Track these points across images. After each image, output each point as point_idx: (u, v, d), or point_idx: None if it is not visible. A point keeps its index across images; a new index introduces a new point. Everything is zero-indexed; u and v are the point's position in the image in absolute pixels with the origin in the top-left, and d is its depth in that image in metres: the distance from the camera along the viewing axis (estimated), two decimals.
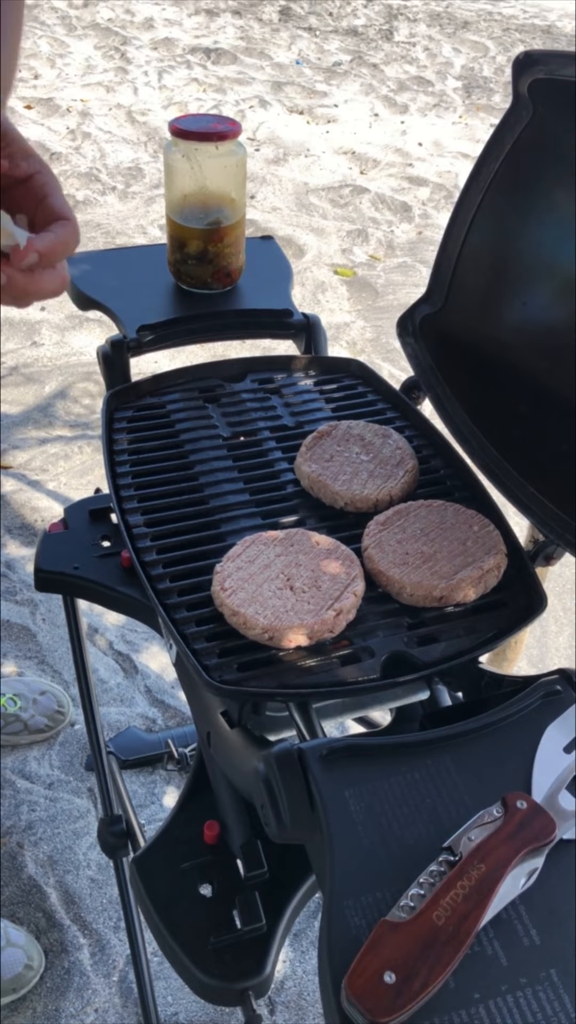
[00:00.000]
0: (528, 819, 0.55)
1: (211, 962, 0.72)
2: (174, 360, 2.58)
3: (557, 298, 0.85)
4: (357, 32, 6.02)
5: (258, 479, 0.90)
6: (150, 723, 1.70)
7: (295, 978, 1.36)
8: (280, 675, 0.70)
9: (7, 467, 2.28)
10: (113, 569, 0.92)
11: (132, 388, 0.99)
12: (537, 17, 6.71)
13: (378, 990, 0.48)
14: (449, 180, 3.99)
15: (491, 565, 0.77)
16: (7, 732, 1.62)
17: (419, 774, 0.60)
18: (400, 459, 0.89)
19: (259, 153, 4.10)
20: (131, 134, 4.18)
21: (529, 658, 1.90)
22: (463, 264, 0.90)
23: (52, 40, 5.24)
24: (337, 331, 2.92)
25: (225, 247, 1.09)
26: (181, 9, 6.08)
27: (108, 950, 1.37)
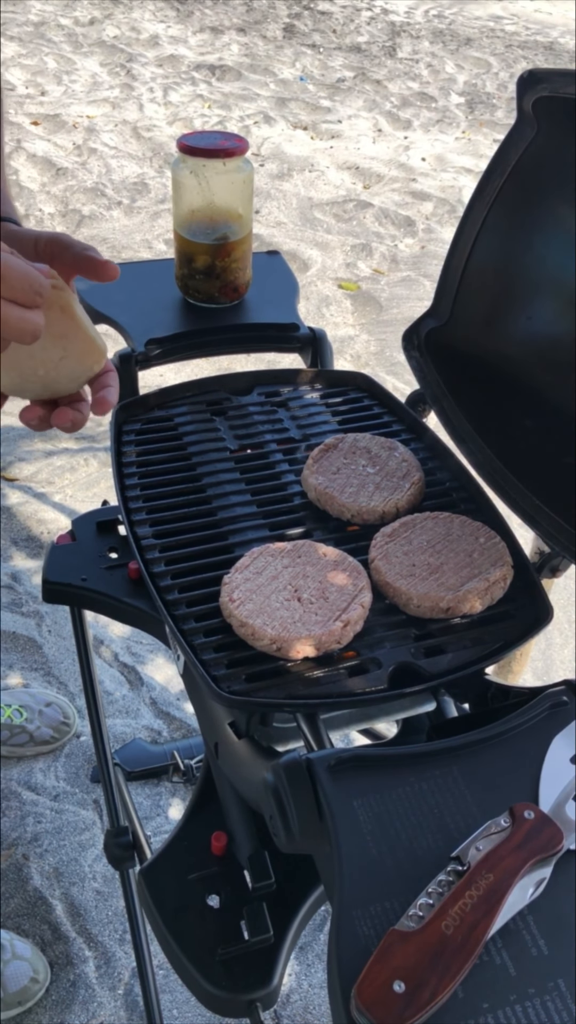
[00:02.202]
0: (536, 829, 0.55)
1: (219, 973, 0.72)
2: (179, 374, 2.59)
3: (562, 312, 0.86)
4: (360, 49, 6.07)
5: (265, 491, 0.91)
6: (155, 735, 1.70)
7: (301, 991, 1.35)
8: (288, 686, 0.70)
9: (13, 479, 2.29)
10: (120, 580, 0.93)
11: (140, 401, 1.00)
12: (539, 34, 6.76)
13: (387, 999, 0.48)
14: (452, 195, 4.01)
15: (497, 577, 0.77)
16: (13, 743, 1.62)
17: (427, 784, 0.60)
18: (406, 471, 0.90)
19: (264, 168, 4.13)
20: (136, 150, 4.22)
21: (534, 670, 1.90)
22: (468, 278, 0.91)
23: (59, 57, 5.29)
24: (341, 345, 2.93)
25: (232, 262, 1.10)
26: (186, 27, 6.14)
27: (114, 963, 1.37)
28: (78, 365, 0.65)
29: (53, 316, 0.61)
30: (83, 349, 0.64)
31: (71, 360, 0.64)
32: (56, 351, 0.63)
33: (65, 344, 0.63)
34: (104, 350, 0.66)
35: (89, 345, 0.64)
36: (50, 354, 0.63)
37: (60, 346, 0.63)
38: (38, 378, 0.64)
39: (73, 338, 0.63)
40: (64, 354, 0.64)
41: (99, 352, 0.66)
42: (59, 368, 0.64)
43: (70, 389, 0.67)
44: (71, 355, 0.64)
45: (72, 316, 0.62)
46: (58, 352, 0.63)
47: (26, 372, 0.63)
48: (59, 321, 0.62)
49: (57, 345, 0.63)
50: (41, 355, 0.63)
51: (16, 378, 0.64)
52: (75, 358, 0.64)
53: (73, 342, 0.63)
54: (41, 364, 0.63)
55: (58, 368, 0.64)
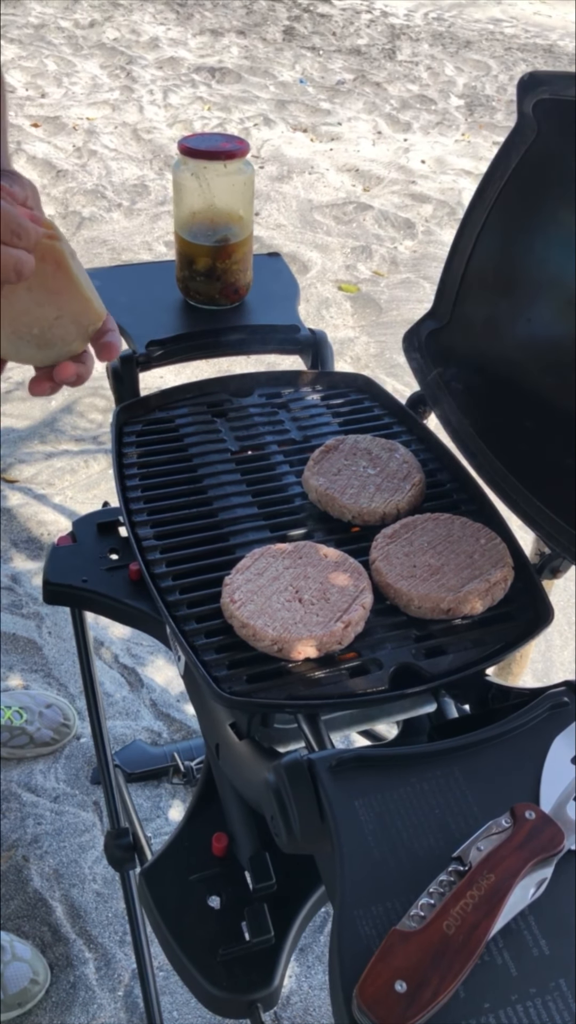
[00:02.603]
0: (537, 829, 0.56)
1: (220, 974, 0.72)
2: (179, 375, 2.60)
3: (562, 314, 0.86)
4: (360, 51, 6.08)
5: (266, 492, 0.91)
6: (155, 736, 1.70)
7: (301, 993, 1.35)
8: (289, 687, 0.70)
9: (14, 481, 2.29)
10: (121, 581, 0.93)
11: (141, 403, 1.00)
12: (539, 36, 6.78)
13: (389, 999, 0.48)
14: (452, 197, 4.01)
15: (498, 578, 0.77)
16: (13, 745, 1.62)
17: (428, 785, 0.60)
18: (407, 473, 0.90)
19: (263, 171, 4.14)
20: (136, 152, 4.22)
21: (534, 672, 1.90)
22: (468, 280, 0.92)
23: (59, 60, 5.30)
24: (341, 347, 2.94)
25: (233, 264, 1.10)
26: (186, 29, 6.15)
27: (114, 964, 1.37)
28: (74, 325, 0.62)
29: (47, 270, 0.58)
30: (79, 308, 0.61)
31: (66, 320, 0.61)
32: (51, 309, 0.60)
33: (60, 302, 0.60)
34: (102, 311, 0.63)
35: (85, 304, 0.61)
36: (45, 312, 0.60)
37: (55, 304, 0.60)
38: (33, 337, 0.61)
39: (68, 296, 0.60)
40: (59, 313, 0.61)
41: (95, 312, 0.62)
42: (54, 328, 0.61)
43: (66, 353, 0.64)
44: (66, 314, 0.61)
45: (67, 271, 0.59)
46: (52, 310, 0.60)
47: (21, 330, 0.61)
48: (53, 276, 0.59)
49: (51, 302, 0.60)
50: (36, 312, 0.60)
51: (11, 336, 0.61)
52: (70, 317, 0.61)
53: (68, 300, 0.61)
54: (36, 322, 0.61)
55: (53, 328, 0.61)
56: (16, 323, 0.61)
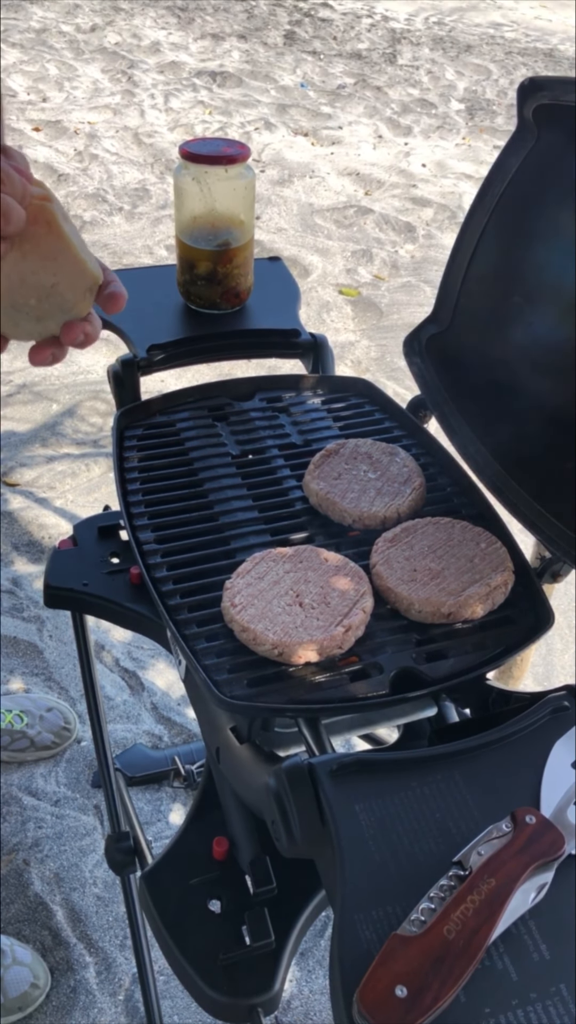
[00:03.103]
0: (537, 834, 0.55)
1: (220, 978, 0.72)
2: (180, 379, 2.60)
3: (562, 318, 0.87)
4: (361, 56, 6.09)
5: (267, 496, 0.91)
6: (156, 740, 1.70)
7: (302, 997, 1.35)
8: (290, 691, 0.70)
9: (15, 484, 2.29)
10: (122, 585, 0.93)
11: (142, 407, 1.00)
12: (539, 41, 6.79)
13: (389, 1004, 0.48)
14: (452, 201, 4.02)
15: (498, 582, 0.77)
16: (13, 749, 1.62)
17: (429, 789, 0.60)
18: (407, 477, 0.90)
19: (264, 175, 4.14)
20: (138, 156, 4.23)
21: (535, 676, 1.90)
22: (469, 284, 0.92)
23: (60, 64, 5.31)
24: (342, 350, 2.94)
25: (234, 268, 1.10)
26: (187, 33, 6.16)
27: (114, 968, 1.37)
28: (71, 291, 0.60)
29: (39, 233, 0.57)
30: (74, 271, 0.59)
31: (63, 286, 0.59)
32: (46, 276, 0.58)
33: (55, 268, 0.58)
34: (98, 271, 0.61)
35: (80, 266, 0.59)
36: (40, 279, 0.58)
37: (50, 270, 0.58)
38: (31, 309, 0.60)
39: (63, 259, 0.58)
40: (55, 279, 0.59)
41: (91, 274, 0.60)
42: (52, 296, 0.59)
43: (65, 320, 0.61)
44: (62, 279, 0.59)
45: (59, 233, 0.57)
46: (48, 277, 0.58)
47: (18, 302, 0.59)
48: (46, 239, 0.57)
49: (46, 268, 0.58)
50: (32, 280, 0.58)
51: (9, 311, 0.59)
52: (67, 282, 0.59)
53: (63, 264, 0.59)
54: (32, 292, 0.59)
55: (51, 296, 0.59)
56: (12, 295, 0.59)
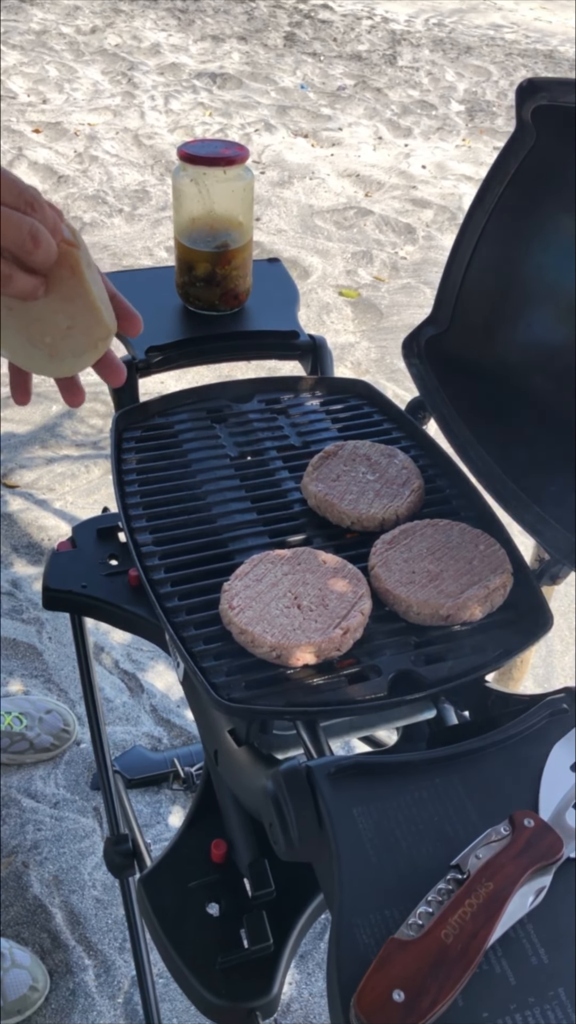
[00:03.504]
0: (536, 837, 0.55)
1: (218, 982, 0.72)
2: (180, 381, 2.60)
3: (561, 320, 0.86)
4: (361, 57, 6.10)
5: (265, 498, 0.91)
6: (156, 742, 1.70)
7: (301, 1000, 1.35)
8: (288, 693, 0.70)
9: (14, 486, 2.29)
10: (121, 587, 0.93)
11: (141, 408, 1.00)
12: (539, 42, 6.79)
13: (387, 1008, 0.48)
14: (452, 202, 4.02)
15: (497, 584, 0.77)
16: (13, 751, 1.62)
17: (427, 792, 0.60)
18: (406, 479, 0.90)
19: (264, 176, 4.14)
20: (138, 157, 4.23)
21: (535, 677, 1.90)
22: (468, 286, 0.92)
23: (60, 65, 5.31)
24: (342, 352, 2.94)
25: (233, 270, 1.10)
26: (187, 35, 6.16)
27: (113, 971, 1.37)
28: (84, 337, 0.61)
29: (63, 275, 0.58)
30: (90, 319, 0.61)
31: (77, 331, 0.61)
32: (63, 317, 0.60)
33: (72, 311, 0.60)
34: (113, 327, 0.63)
35: (96, 316, 0.61)
36: (58, 320, 0.60)
37: (67, 312, 0.60)
38: (44, 345, 0.61)
39: (81, 305, 0.60)
40: (71, 323, 0.60)
41: (106, 327, 0.62)
42: (66, 339, 0.61)
43: (74, 368, 0.63)
44: (78, 324, 0.61)
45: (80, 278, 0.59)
46: (65, 319, 0.60)
47: (34, 337, 0.61)
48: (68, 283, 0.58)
49: (64, 310, 0.60)
50: (50, 319, 0.60)
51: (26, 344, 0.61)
52: (82, 328, 0.61)
53: (80, 310, 0.60)
54: (49, 330, 0.60)
55: (65, 338, 0.61)
56: (31, 329, 0.60)
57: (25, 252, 0.56)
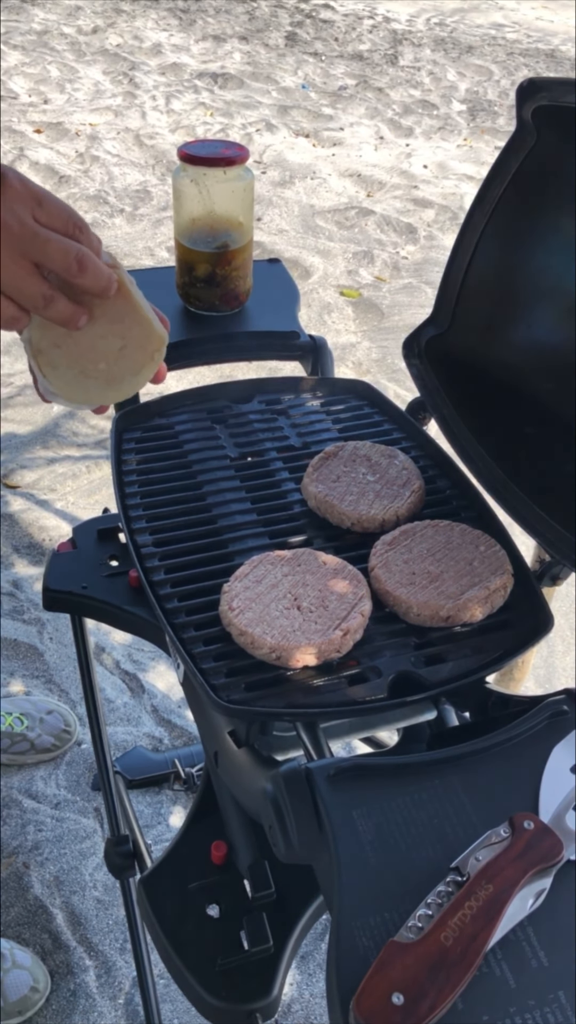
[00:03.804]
0: (535, 839, 0.55)
1: (218, 983, 0.72)
2: (181, 381, 2.60)
3: (562, 320, 0.86)
4: (362, 57, 6.09)
5: (265, 499, 0.91)
6: (157, 743, 1.70)
7: (302, 1001, 1.35)
8: (287, 695, 0.70)
9: (15, 486, 2.29)
10: (121, 588, 0.93)
11: (141, 409, 1.00)
12: (541, 42, 6.78)
13: (386, 1011, 0.48)
14: (454, 202, 4.02)
15: (498, 585, 0.77)
16: (14, 751, 1.62)
17: (427, 794, 0.60)
18: (406, 479, 0.90)
19: (265, 176, 4.14)
20: (139, 157, 4.23)
21: (536, 678, 1.89)
22: (468, 286, 0.91)
23: (61, 65, 5.31)
24: (343, 352, 2.94)
25: (233, 270, 1.10)
26: (189, 35, 6.16)
27: (114, 972, 1.37)
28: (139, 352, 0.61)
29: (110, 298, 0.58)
30: (141, 333, 0.60)
31: (132, 349, 0.60)
32: (114, 340, 0.59)
33: (122, 331, 0.59)
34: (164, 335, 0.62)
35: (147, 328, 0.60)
36: (109, 343, 0.59)
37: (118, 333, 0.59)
38: (99, 373, 0.60)
39: (130, 321, 0.59)
40: (123, 343, 0.60)
41: (158, 336, 0.61)
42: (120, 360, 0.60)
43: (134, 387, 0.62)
44: (130, 342, 0.60)
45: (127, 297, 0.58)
46: (117, 341, 0.59)
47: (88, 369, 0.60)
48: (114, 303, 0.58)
49: (115, 333, 0.59)
50: (101, 346, 0.59)
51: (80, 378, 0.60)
52: (135, 345, 0.60)
53: (131, 326, 0.59)
54: (102, 357, 0.59)
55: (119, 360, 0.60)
56: (83, 362, 0.59)
57: (71, 275, 0.56)
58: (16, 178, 0.57)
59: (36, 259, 0.56)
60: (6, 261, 0.55)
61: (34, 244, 0.55)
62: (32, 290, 0.56)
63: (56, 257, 0.56)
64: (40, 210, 0.56)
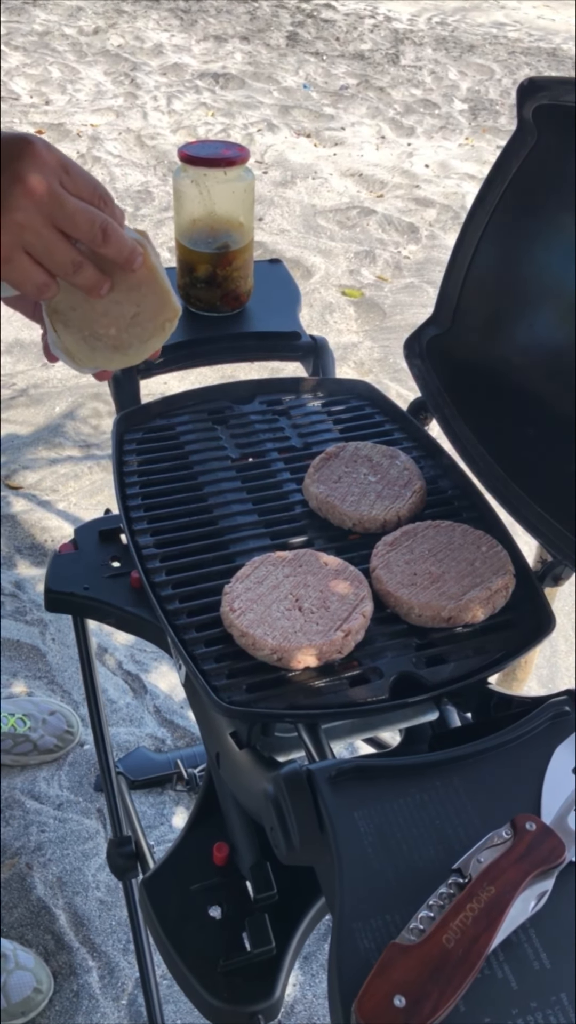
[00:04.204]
0: (537, 841, 0.55)
1: (221, 985, 0.72)
2: (183, 381, 2.60)
3: (564, 320, 0.86)
4: (363, 56, 6.09)
5: (266, 500, 0.91)
6: (159, 743, 1.70)
7: (305, 1002, 1.35)
8: (289, 696, 0.70)
9: (17, 487, 2.29)
10: (123, 589, 0.93)
11: (142, 410, 1.00)
12: (542, 40, 6.77)
13: (388, 1013, 0.48)
14: (456, 201, 4.01)
15: (499, 585, 0.77)
16: (16, 752, 1.62)
17: (428, 795, 0.60)
18: (408, 480, 0.90)
19: (267, 176, 4.14)
20: (140, 158, 4.23)
21: (539, 678, 1.89)
22: (470, 286, 0.91)
23: (63, 66, 5.32)
24: (345, 351, 2.94)
25: (233, 271, 1.10)
26: (190, 35, 6.16)
27: (117, 973, 1.37)
28: (151, 323, 0.61)
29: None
30: (157, 303, 0.60)
31: (144, 317, 0.60)
32: (128, 306, 0.59)
33: (139, 299, 0.59)
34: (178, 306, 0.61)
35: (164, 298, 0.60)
36: (122, 310, 0.59)
37: (133, 301, 0.59)
38: (109, 338, 0.61)
39: (148, 290, 0.59)
40: (137, 310, 0.60)
41: (172, 307, 0.61)
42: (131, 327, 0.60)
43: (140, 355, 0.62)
44: (144, 310, 0.60)
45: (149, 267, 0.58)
46: (131, 307, 0.60)
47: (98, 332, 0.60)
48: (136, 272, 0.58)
49: (131, 299, 0.59)
50: (114, 311, 0.59)
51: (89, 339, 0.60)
52: (148, 314, 0.60)
53: (147, 295, 0.59)
54: (113, 322, 0.60)
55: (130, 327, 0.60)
56: (95, 325, 0.60)
57: (96, 244, 0.57)
58: (43, 146, 0.56)
59: (63, 227, 0.56)
60: (38, 227, 0.55)
61: (63, 211, 0.56)
62: (62, 256, 0.57)
63: (82, 225, 0.56)
64: (67, 178, 0.56)
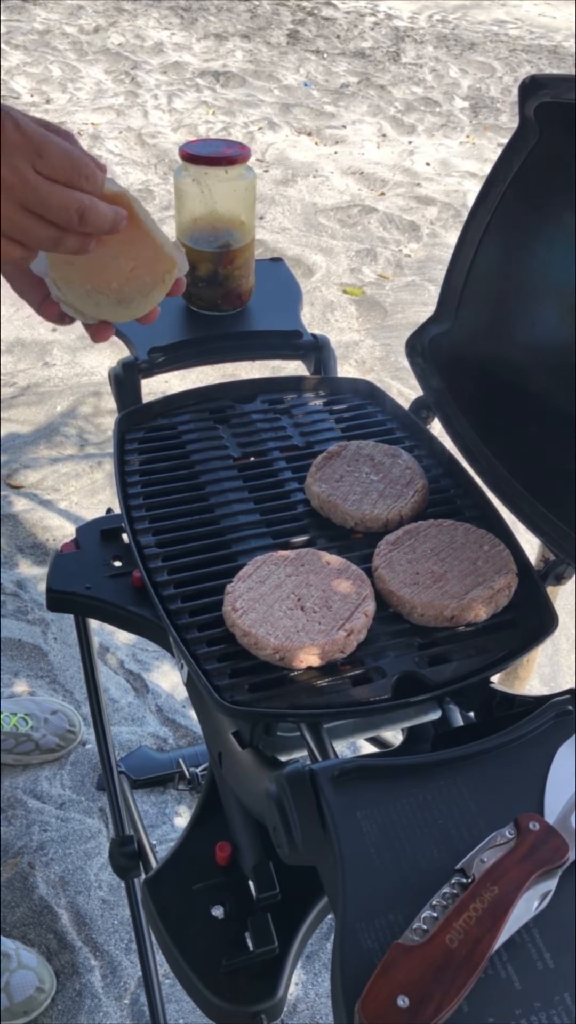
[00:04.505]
0: (541, 841, 0.55)
1: (223, 984, 0.72)
2: (184, 380, 2.59)
3: (565, 318, 0.86)
4: (364, 54, 6.08)
5: (268, 499, 0.90)
6: (161, 743, 1.70)
7: (308, 1001, 1.35)
8: (291, 695, 0.70)
9: (19, 486, 2.29)
10: (124, 589, 0.93)
11: (143, 409, 1.00)
12: (543, 38, 6.76)
13: (391, 1014, 0.48)
14: (457, 199, 4.01)
15: (502, 585, 0.77)
16: (18, 751, 1.62)
17: (431, 795, 0.60)
18: (410, 479, 0.89)
19: (268, 174, 4.14)
20: (141, 156, 4.23)
21: (541, 677, 1.89)
22: (471, 284, 0.91)
23: (63, 65, 5.31)
24: (346, 350, 2.93)
25: (235, 269, 1.10)
26: (190, 34, 6.16)
27: (119, 972, 1.37)
28: (149, 275, 0.63)
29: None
30: (152, 256, 0.62)
31: (142, 270, 0.63)
32: (126, 261, 0.62)
33: (133, 253, 0.62)
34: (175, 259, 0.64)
35: (157, 251, 0.62)
36: (120, 264, 0.62)
37: (129, 255, 0.62)
38: (112, 292, 0.63)
39: (140, 244, 0.62)
40: (135, 263, 0.62)
41: (169, 259, 0.63)
42: (132, 280, 0.63)
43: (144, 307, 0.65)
44: (141, 264, 0.62)
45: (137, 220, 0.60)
46: (128, 262, 0.62)
47: (101, 286, 0.62)
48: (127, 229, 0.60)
49: (126, 254, 0.61)
50: (112, 265, 0.61)
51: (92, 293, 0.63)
52: (146, 267, 0.63)
53: (141, 249, 0.62)
54: (114, 276, 0.62)
55: (131, 281, 0.63)
56: (95, 279, 0.62)
57: (73, 228, 0.57)
58: (14, 129, 0.55)
59: (36, 211, 0.56)
60: (7, 213, 0.55)
61: (35, 197, 0.55)
62: (39, 234, 0.57)
63: (57, 211, 0.56)
64: (41, 161, 0.55)
